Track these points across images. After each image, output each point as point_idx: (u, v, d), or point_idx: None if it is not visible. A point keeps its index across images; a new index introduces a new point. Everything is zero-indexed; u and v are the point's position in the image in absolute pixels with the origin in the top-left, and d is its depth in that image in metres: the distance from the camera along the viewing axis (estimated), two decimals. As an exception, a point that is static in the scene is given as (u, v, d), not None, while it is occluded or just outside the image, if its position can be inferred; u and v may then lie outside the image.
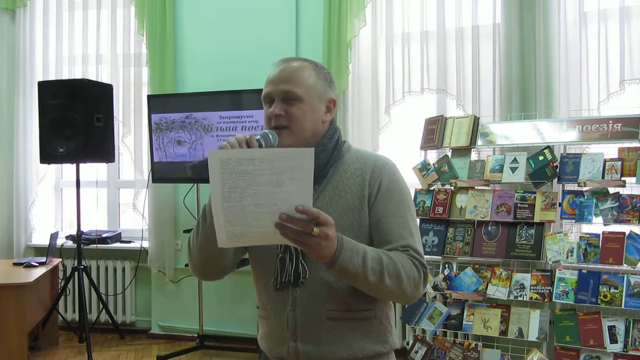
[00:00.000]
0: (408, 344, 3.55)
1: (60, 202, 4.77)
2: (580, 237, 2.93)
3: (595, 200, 2.90)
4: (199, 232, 1.45)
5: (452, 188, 3.28)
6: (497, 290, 3.04)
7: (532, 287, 2.97)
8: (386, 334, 1.50)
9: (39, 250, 4.47)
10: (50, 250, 4.02)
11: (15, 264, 3.96)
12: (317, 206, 1.21)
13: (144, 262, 4.36)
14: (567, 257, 2.91)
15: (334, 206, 1.45)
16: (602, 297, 2.79)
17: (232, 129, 3.72)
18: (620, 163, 2.88)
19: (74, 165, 3.96)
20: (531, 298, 2.96)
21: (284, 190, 1.17)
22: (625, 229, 2.84)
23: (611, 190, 2.90)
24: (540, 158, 3.06)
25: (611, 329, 2.77)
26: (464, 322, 3.10)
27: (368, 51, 3.86)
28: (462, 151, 3.31)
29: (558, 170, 3.02)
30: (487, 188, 3.20)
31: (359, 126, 3.86)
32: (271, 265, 1.48)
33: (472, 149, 3.32)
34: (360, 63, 3.86)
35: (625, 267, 2.81)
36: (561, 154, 3.06)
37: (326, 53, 3.82)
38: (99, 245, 4.36)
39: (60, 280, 4.27)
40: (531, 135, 3.14)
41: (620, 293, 2.76)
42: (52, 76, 4.45)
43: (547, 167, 3.03)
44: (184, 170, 3.84)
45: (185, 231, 4.15)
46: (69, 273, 4.12)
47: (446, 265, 3.23)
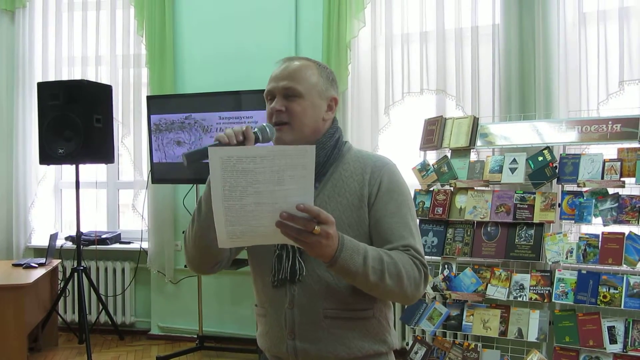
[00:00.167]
0: (408, 344, 3.56)
1: (59, 203, 4.76)
2: (580, 238, 2.93)
3: (594, 200, 2.90)
4: (194, 224, 1.46)
5: (452, 188, 3.28)
6: (497, 291, 3.04)
7: (532, 288, 2.98)
8: (385, 333, 1.50)
9: (39, 251, 4.46)
10: (49, 251, 4.01)
11: (15, 265, 3.96)
12: (316, 204, 1.21)
13: (144, 263, 4.35)
14: (567, 258, 2.91)
15: (333, 204, 1.45)
16: (602, 298, 2.79)
17: (232, 130, 3.71)
18: (619, 163, 2.88)
19: (74, 166, 3.96)
20: (531, 298, 2.97)
21: (285, 188, 1.16)
22: (625, 229, 2.85)
23: (610, 190, 2.90)
24: (540, 159, 3.07)
25: (611, 329, 2.78)
26: (464, 323, 3.10)
27: (367, 52, 3.86)
28: (462, 152, 3.31)
29: (557, 170, 3.02)
30: (487, 189, 3.20)
31: (358, 127, 3.86)
32: (268, 262, 1.48)
33: (472, 150, 3.32)
34: (359, 64, 3.87)
35: (624, 268, 2.81)
36: (560, 154, 3.06)
37: (325, 54, 3.82)
38: (98, 246, 4.36)
39: (59, 281, 4.26)
40: (530, 135, 3.14)
41: (619, 293, 2.76)
42: (52, 77, 4.45)
43: (547, 168, 3.03)
44: (184, 171, 3.84)
45: (185, 232, 4.14)
46: (68, 274, 4.11)
47: (446, 266, 3.23)
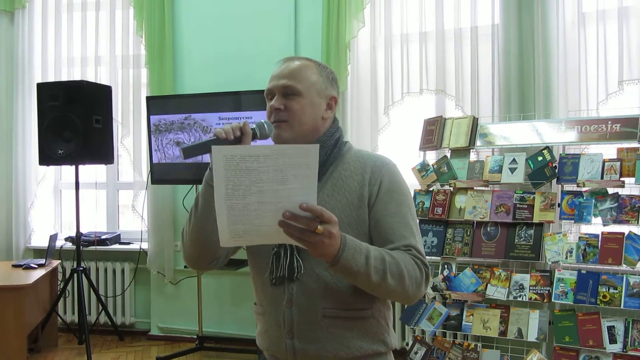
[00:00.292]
0: (407, 344, 3.56)
1: (59, 204, 4.76)
2: (580, 238, 2.93)
3: (594, 200, 2.90)
4: (191, 220, 1.47)
5: (451, 189, 3.28)
6: (497, 291, 3.04)
7: (532, 288, 2.98)
8: (384, 333, 1.50)
9: (38, 252, 4.46)
10: (49, 252, 4.01)
11: (15, 266, 3.95)
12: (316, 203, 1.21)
13: (143, 264, 4.35)
14: (566, 258, 2.91)
15: (333, 203, 1.45)
16: (602, 298, 2.79)
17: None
18: (619, 163, 2.88)
19: (73, 166, 3.96)
20: (530, 298, 2.97)
21: (288, 187, 1.15)
22: (624, 229, 2.85)
23: (610, 190, 2.90)
24: (539, 158, 3.07)
25: (610, 329, 2.78)
26: (464, 323, 3.10)
27: (367, 52, 3.86)
28: (461, 152, 3.31)
29: (557, 170, 3.02)
30: (486, 189, 3.20)
31: (357, 127, 3.86)
32: (267, 260, 1.48)
33: (471, 150, 3.32)
34: (359, 64, 3.86)
35: (624, 268, 2.81)
36: (560, 154, 3.06)
37: (325, 54, 3.82)
38: (98, 246, 4.35)
39: (59, 282, 4.26)
40: (530, 135, 3.14)
41: (619, 293, 2.76)
42: (51, 78, 4.45)
43: (546, 168, 3.03)
44: (183, 172, 3.85)
45: (183, 229, 4.14)
46: (68, 275, 4.11)
47: (445, 266, 3.23)
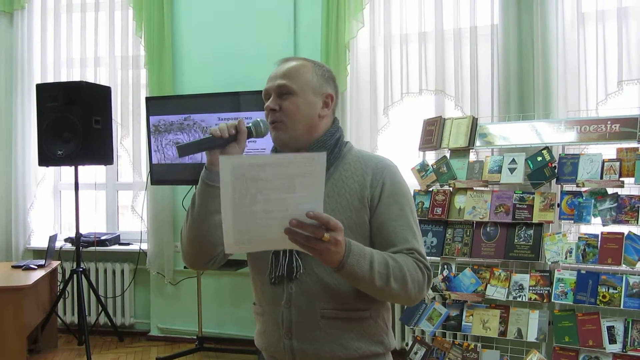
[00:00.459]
0: (407, 345, 3.56)
1: (58, 205, 4.76)
2: (579, 238, 2.93)
3: (593, 200, 2.90)
4: (188, 219, 1.47)
5: (451, 189, 3.28)
6: (496, 291, 3.04)
7: (531, 288, 2.98)
8: (382, 334, 1.50)
9: (38, 253, 4.46)
10: (49, 252, 4.01)
11: (14, 267, 3.95)
12: None
13: (143, 264, 4.35)
14: (566, 258, 2.91)
15: (333, 204, 1.45)
16: (601, 298, 2.79)
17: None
18: (618, 163, 2.88)
19: (73, 167, 3.96)
20: (530, 299, 2.97)
21: (295, 195, 1.15)
22: (624, 229, 2.85)
23: (610, 190, 2.90)
24: (539, 159, 3.07)
25: (610, 329, 2.78)
26: (463, 323, 3.10)
27: (366, 52, 3.86)
28: (461, 152, 3.31)
29: (556, 170, 3.02)
30: (486, 189, 3.20)
31: (357, 127, 3.86)
32: (266, 260, 1.48)
33: (471, 150, 3.32)
34: (358, 64, 3.86)
35: (623, 268, 2.81)
36: (559, 154, 3.06)
37: (324, 54, 3.82)
38: (97, 247, 4.35)
39: (59, 283, 4.27)
40: (529, 135, 3.14)
41: (619, 293, 2.76)
42: (50, 79, 4.45)
43: (546, 168, 3.03)
44: (183, 172, 3.84)
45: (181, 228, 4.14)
46: (67, 275, 4.11)
47: (445, 266, 3.23)
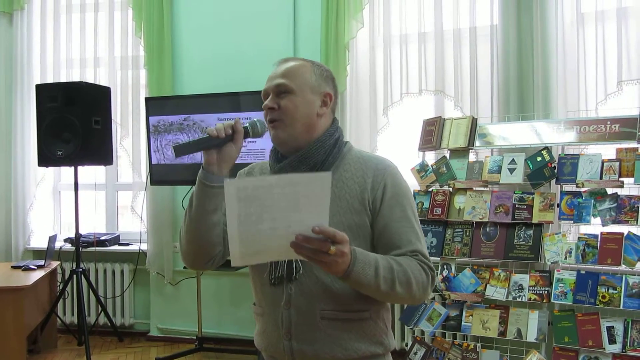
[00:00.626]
0: (407, 345, 3.56)
1: (58, 205, 4.76)
2: (579, 238, 2.93)
3: (593, 201, 2.90)
4: (186, 219, 1.48)
5: (451, 189, 3.28)
6: (496, 291, 3.04)
7: (531, 288, 2.98)
8: (382, 335, 1.50)
9: (38, 253, 4.46)
10: (48, 253, 4.01)
11: (14, 267, 3.95)
12: None
13: (143, 265, 4.35)
14: (566, 258, 2.91)
15: (333, 206, 1.43)
16: (601, 298, 2.79)
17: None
18: (618, 164, 2.88)
19: (72, 168, 3.96)
20: (530, 299, 2.97)
21: (300, 213, 1.17)
22: (624, 229, 2.85)
23: (609, 190, 2.90)
24: (539, 159, 3.07)
25: (610, 329, 2.78)
26: (463, 323, 3.10)
27: (366, 53, 3.86)
28: (460, 152, 3.31)
29: (556, 171, 3.02)
30: (486, 189, 3.20)
31: (356, 128, 3.86)
32: None
33: (470, 150, 3.32)
34: (358, 65, 3.86)
35: (623, 268, 2.81)
36: (559, 154, 3.06)
37: (324, 55, 3.82)
38: (97, 248, 4.35)
39: (58, 283, 4.26)
40: (529, 136, 3.14)
41: (618, 294, 2.76)
42: (50, 79, 4.45)
43: (545, 168, 3.03)
44: (182, 172, 3.84)
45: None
46: (67, 276, 4.11)
47: (445, 267, 3.23)
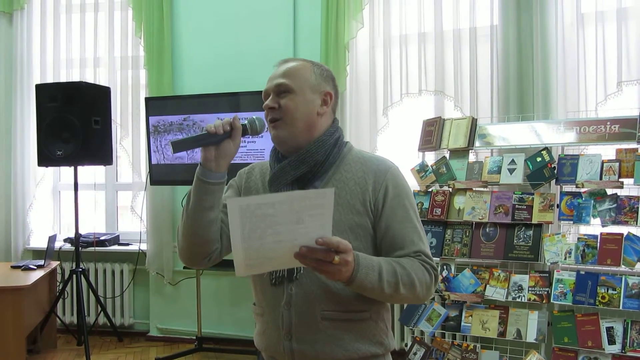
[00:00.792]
0: (407, 345, 3.56)
1: (58, 205, 4.76)
2: (578, 239, 2.94)
3: (593, 201, 2.90)
4: (183, 215, 1.47)
5: (450, 189, 3.28)
6: (496, 292, 3.04)
7: (530, 289, 2.98)
8: (382, 335, 1.50)
9: (37, 253, 4.45)
10: (48, 253, 4.00)
11: (13, 267, 3.95)
12: None
13: (142, 265, 4.35)
14: (565, 259, 2.91)
15: (334, 207, 1.44)
16: (600, 299, 2.79)
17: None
18: (617, 164, 2.88)
19: (72, 168, 3.95)
20: (529, 299, 2.97)
21: (304, 226, 1.18)
22: (623, 230, 2.85)
23: (609, 191, 2.90)
24: (538, 159, 3.07)
25: (609, 330, 2.78)
26: (463, 324, 3.10)
27: (366, 53, 3.86)
28: (460, 152, 3.31)
29: (556, 171, 3.02)
30: (485, 189, 3.20)
31: (356, 128, 3.86)
32: None
33: (470, 151, 3.32)
34: (357, 65, 3.86)
35: (623, 269, 2.81)
36: (559, 155, 3.06)
37: (324, 55, 3.82)
38: (97, 248, 4.35)
39: (58, 283, 4.26)
40: (529, 136, 3.14)
41: (618, 294, 2.76)
42: (50, 79, 4.45)
43: (545, 169, 3.04)
44: (182, 173, 3.84)
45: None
46: (67, 276, 4.11)
47: (444, 267, 3.23)
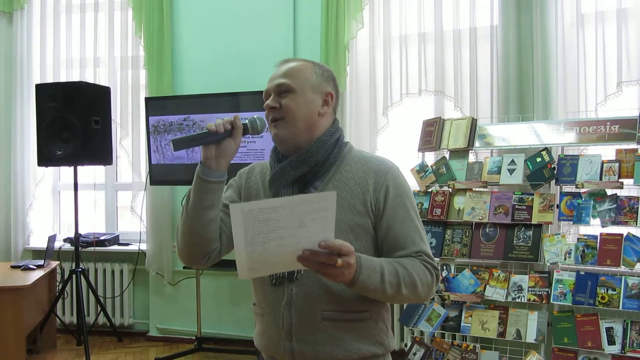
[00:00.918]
0: (406, 345, 3.56)
1: (58, 205, 4.76)
2: (578, 239, 2.94)
3: (592, 201, 2.90)
4: (183, 214, 1.48)
5: (450, 190, 3.28)
6: (495, 292, 3.04)
7: (530, 289, 2.98)
8: (382, 335, 1.51)
9: (37, 253, 4.46)
10: (48, 253, 4.01)
11: (13, 267, 3.95)
12: None
13: (142, 265, 4.35)
14: (565, 259, 2.91)
15: None
16: (600, 299, 2.79)
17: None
18: (617, 164, 2.88)
19: (72, 168, 3.95)
20: (529, 300, 2.97)
21: (307, 230, 1.19)
22: (623, 230, 2.85)
23: (609, 191, 2.90)
24: (538, 160, 3.07)
25: (609, 330, 2.78)
26: (462, 324, 3.10)
27: (366, 53, 3.86)
28: (460, 153, 3.31)
29: (556, 171, 3.02)
30: (485, 190, 3.20)
31: (356, 128, 3.86)
32: None
33: (470, 151, 3.32)
34: (357, 65, 3.86)
35: (622, 269, 2.81)
36: (559, 155, 3.06)
37: (324, 55, 3.82)
38: (97, 247, 4.35)
39: (58, 283, 4.26)
40: (529, 136, 3.14)
41: (618, 294, 2.76)
42: (50, 79, 4.45)
43: (545, 169, 3.04)
44: (182, 173, 3.84)
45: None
46: (67, 276, 4.11)
47: (444, 267, 3.23)
